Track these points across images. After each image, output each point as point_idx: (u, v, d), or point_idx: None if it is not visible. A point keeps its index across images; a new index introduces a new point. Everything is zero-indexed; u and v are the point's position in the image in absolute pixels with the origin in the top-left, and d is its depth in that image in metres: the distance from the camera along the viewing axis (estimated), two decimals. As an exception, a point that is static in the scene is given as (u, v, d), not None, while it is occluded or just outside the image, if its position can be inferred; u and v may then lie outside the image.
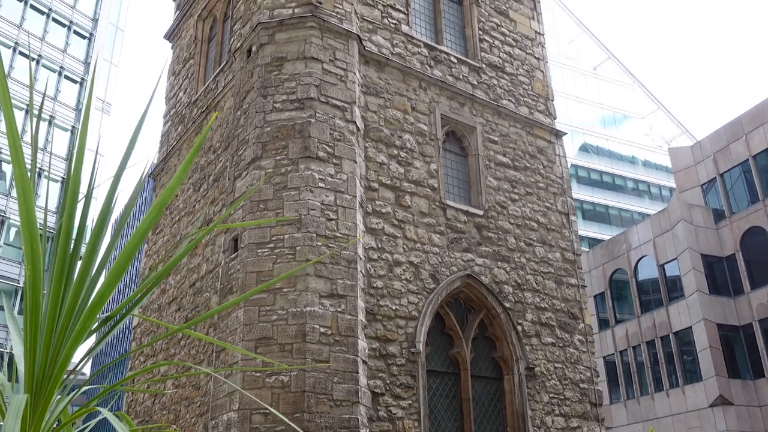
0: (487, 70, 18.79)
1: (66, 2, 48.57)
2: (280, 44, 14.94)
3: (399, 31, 17.28)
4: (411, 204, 15.46)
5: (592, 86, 65.79)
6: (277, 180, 13.54)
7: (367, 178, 14.88)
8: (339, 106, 14.56)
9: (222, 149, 16.51)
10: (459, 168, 17.36)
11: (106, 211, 2.92)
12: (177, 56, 22.52)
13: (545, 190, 18.49)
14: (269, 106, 14.32)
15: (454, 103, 17.54)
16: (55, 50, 46.68)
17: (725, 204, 33.84)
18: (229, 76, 17.15)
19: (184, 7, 22.55)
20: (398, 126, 16.08)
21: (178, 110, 20.88)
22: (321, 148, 13.90)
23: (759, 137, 32.53)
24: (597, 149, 62.69)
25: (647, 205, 60.90)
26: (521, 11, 20.83)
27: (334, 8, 15.56)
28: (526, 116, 18.99)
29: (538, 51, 20.61)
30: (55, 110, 45.18)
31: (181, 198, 18.61)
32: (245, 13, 16.71)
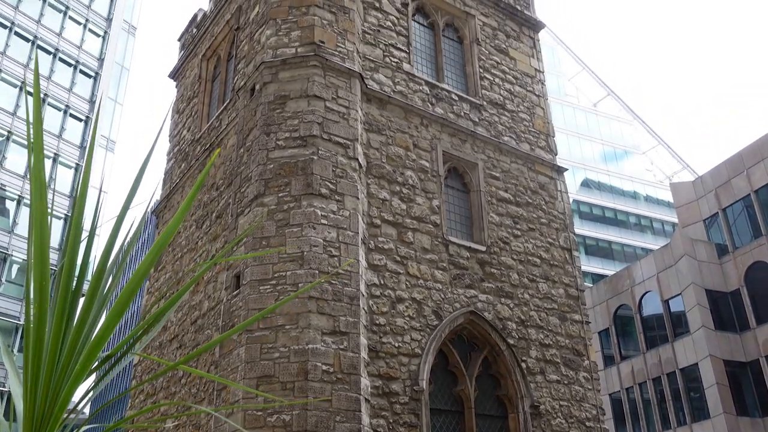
0: (488, 107, 18.96)
1: (73, 42, 49.30)
2: (283, 83, 15.12)
3: (401, 70, 17.49)
4: (413, 240, 15.45)
5: (592, 122, 66.25)
6: (279, 217, 13.57)
7: (369, 215, 14.90)
8: (341, 144, 14.67)
9: (225, 186, 16.59)
10: (461, 204, 17.39)
11: (108, 249, 2.93)
12: (181, 95, 22.77)
13: (547, 225, 18.49)
14: (272, 144, 14.43)
15: (456, 139, 17.66)
16: (61, 89, 47.23)
17: (728, 239, 33.77)
18: (233, 114, 17.32)
19: (188, 47, 22.88)
20: (400, 163, 16.17)
21: (181, 148, 21.04)
22: (323, 185, 13.96)
23: (760, 172, 32.62)
24: (599, 185, 62.83)
25: (650, 241, 60.78)
26: (521, 49, 21.09)
27: (337, 47, 15.78)
28: (528, 152, 19.09)
29: (538, 88, 20.81)
30: (60, 148, 45.52)
31: (183, 235, 18.63)
32: (249, 52, 16.94)
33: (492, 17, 20.74)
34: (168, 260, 19.26)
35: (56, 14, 49.10)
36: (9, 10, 45.87)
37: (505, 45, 20.67)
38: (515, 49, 20.91)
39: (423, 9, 19.49)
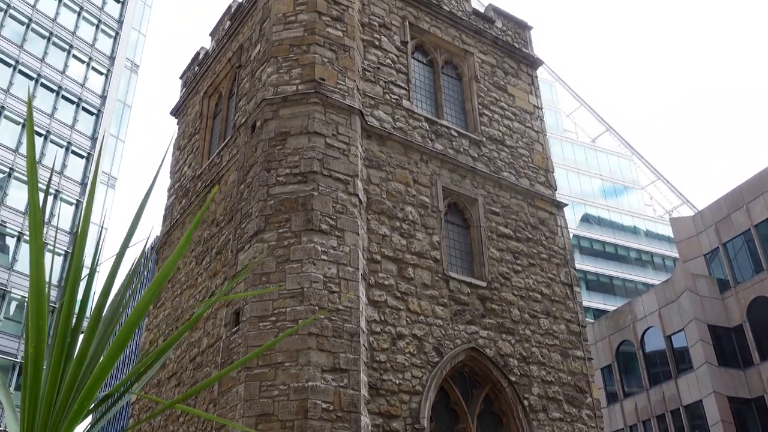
0: (488, 143, 19.09)
1: (76, 80, 49.85)
2: (283, 119, 15.24)
3: (400, 106, 17.65)
4: (414, 276, 15.41)
5: (591, 158, 66.60)
6: (279, 253, 13.56)
7: (369, 251, 14.89)
8: (341, 179, 14.72)
9: (225, 222, 16.60)
10: (461, 239, 17.39)
11: (108, 286, 2.92)
12: (183, 131, 22.95)
13: (548, 261, 18.45)
14: (272, 180, 14.49)
15: (456, 175, 17.73)
16: (63, 126, 47.60)
17: (729, 274, 33.66)
18: (233, 150, 17.42)
19: (190, 84, 23.13)
20: (400, 198, 16.21)
21: (182, 184, 21.12)
22: (324, 221, 13.97)
23: (760, 207, 32.67)
24: (599, 220, 62.89)
25: (651, 276, 60.59)
26: (519, 86, 21.32)
27: (337, 85, 15.95)
28: (527, 188, 19.16)
29: (536, 124, 20.98)
30: (61, 185, 45.69)
31: (183, 271, 18.59)
32: (250, 89, 17.12)
33: (490, 55, 21.00)
34: (167, 297, 19.18)
35: (60, 53, 49.75)
36: (13, 48, 46.48)
37: (504, 82, 20.89)
38: (513, 85, 21.14)
39: (422, 47, 19.76)
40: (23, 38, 47.52)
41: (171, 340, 2.77)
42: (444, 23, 20.22)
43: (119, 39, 54.48)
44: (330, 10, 16.86)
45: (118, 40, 54.38)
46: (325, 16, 16.69)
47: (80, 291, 2.96)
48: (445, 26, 20.20)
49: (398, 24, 19.03)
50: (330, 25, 16.66)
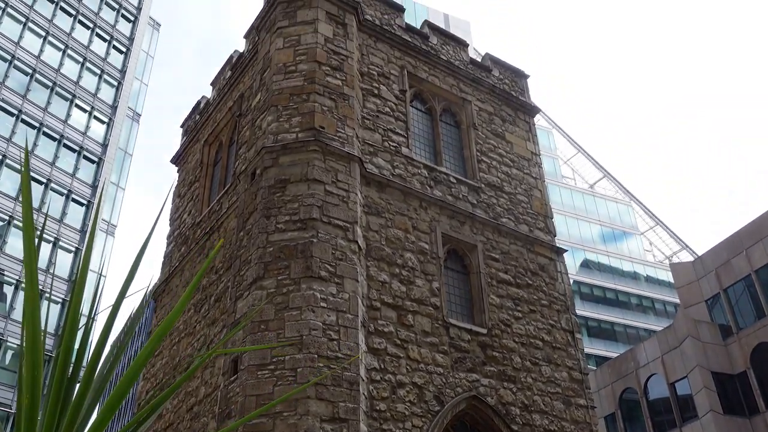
0: (486, 189, 19.18)
1: (77, 129, 50.34)
2: (283, 167, 15.33)
3: (399, 154, 17.78)
4: (414, 323, 15.29)
5: (589, 203, 66.86)
6: (278, 300, 13.47)
7: (369, 297, 14.80)
8: (341, 226, 14.74)
9: (224, 270, 16.55)
10: (461, 286, 17.31)
11: (105, 336, 2.89)
12: (183, 179, 23.07)
13: (549, 307, 18.34)
14: (272, 227, 14.50)
15: (455, 221, 17.76)
16: (64, 174, 47.87)
17: (731, 320, 33.42)
18: (233, 198, 17.49)
19: (191, 132, 23.36)
20: (400, 245, 16.20)
21: (182, 231, 21.13)
22: (323, 268, 13.93)
23: (759, 252, 32.63)
24: (598, 265, 62.76)
25: (653, 322, 60.15)
26: (517, 133, 21.53)
27: (337, 132, 16.10)
28: (526, 234, 19.17)
29: (535, 170, 21.12)
30: (60, 232, 45.69)
31: (181, 319, 18.45)
32: (250, 137, 17.27)
33: (488, 103, 21.27)
34: (165, 345, 18.99)
35: (63, 102, 50.37)
36: (17, 98, 47.07)
37: (502, 129, 21.11)
38: (511, 133, 21.35)
39: (421, 95, 20.02)
40: (27, 88, 48.17)
41: (168, 391, 2.73)
42: (442, 72, 20.53)
43: (121, 88, 55.23)
44: (330, 60, 17.14)
45: (121, 90, 55.13)
46: (325, 66, 16.96)
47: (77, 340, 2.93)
48: (443, 75, 20.51)
49: (397, 73, 19.33)
50: (329, 74, 16.91)
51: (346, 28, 18.07)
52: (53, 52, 51.27)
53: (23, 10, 50.23)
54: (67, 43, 52.33)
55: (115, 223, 52.19)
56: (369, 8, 19.74)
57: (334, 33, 17.72)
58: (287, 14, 17.83)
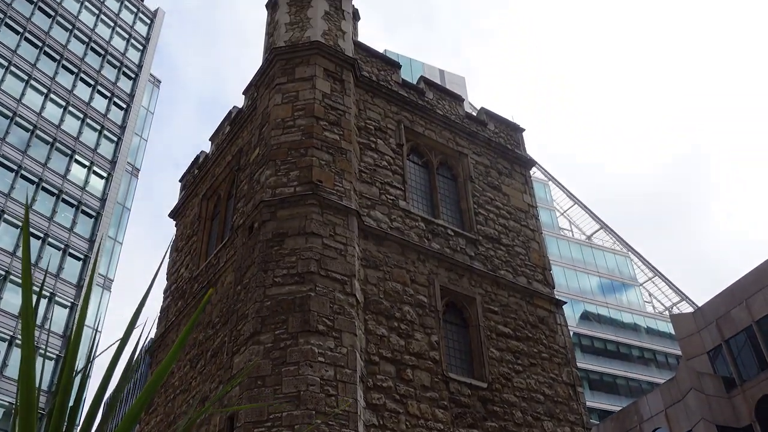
0: (484, 241, 19.19)
1: (76, 184, 50.60)
2: (281, 221, 15.36)
3: (397, 207, 17.86)
4: (413, 377, 15.08)
5: (588, 255, 66.84)
6: (275, 355, 13.31)
7: (367, 352, 14.63)
8: (339, 280, 14.67)
9: (221, 324, 16.41)
10: (460, 339, 17.14)
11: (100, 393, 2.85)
12: (181, 233, 23.08)
13: (549, 360, 18.13)
14: (269, 281, 14.43)
15: (453, 274, 17.70)
16: (61, 229, 47.90)
17: (734, 371, 33.00)
18: (231, 252, 17.46)
19: (189, 187, 23.48)
20: (398, 298, 16.10)
21: (179, 285, 21.02)
22: (321, 322, 13.81)
23: (760, 302, 32.46)
24: (598, 317, 62.35)
25: (655, 374, 59.43)
26: (513, 186, 21.68)
27: (334, 186, 16.19)
28: (525, 286, 19.09)
29: (532, 223, 21.18)
30: (57, 287, 45.45)
31: (176, 375, 18.18)
32: (248, 191, 17.36)
33: (484, 156, 21.48)
34: (160, 402, 18.67)
35: (63, 157, 50.78)
36: (17, 154, 47.45)
37: (498, 182, 21.26)
38: (507, 185, 21.49)
39: (417, 149, 20.23)
40: (27, 144, 48.63)
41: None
42: (438, 126, 20.80)
43: (121, 144, 55.79)
44: (327, 115, 17.38)
45: (120, 145, 55.68)
46: (323, 121, 17.18)
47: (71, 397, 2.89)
48: (439, 129, 20.77)
49: (393, 127, 19.57)
50: (327, 129, 17.12)
51: (343, 84, 18.38)
52: (54, 108, 51.99)
53: (26, 68, 51.12)
54: (69, 99, 53.11)
55: (112, 277, 51.98)
56: (366, 65, 20.12)
57: (332, 89, 18.01)
58: (286, 71, 18.15)
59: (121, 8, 62.61)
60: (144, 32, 63.89)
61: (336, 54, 18.64)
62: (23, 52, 51.67)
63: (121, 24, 61.47)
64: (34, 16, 53.80)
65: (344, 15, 20.10)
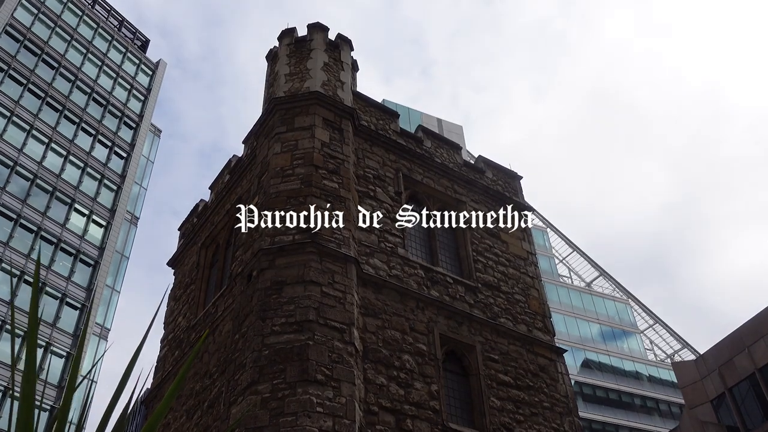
0: (483, 289, 19.12)
1: (75, 233, 50.62)
2: (280, 269, 15.33)
3: (396, 254, 17.85)
4: (413, 428, 14.83)
5: (588, 302, 66.49)
6: (273, 405, 13.12)
7: (366, 401, 14.43)
8: (337, 328, 14.57)
9: (218, 374, 16.22)
10: (460, 388, 16.93)
11: (95, 445, 2.81)
12: (179, 282, 22.99)
13: (551, 410, 17.87)
14: (268, 329, 14.32)
15: (452, 322, 17.59)
16: (59, 278, 47.72)
17: (739, 421, 32.50)
18: (229, 300, 17.38)
19: (188, 235, 23.50)
20: (397, 346, 15.96)
21: (176, 335, 20.85)
22: (319, 371, 13.65)
23: (762, 350, 32.18)
24: (599, 365, 61.67)
25: (658, 423, 58.48)
26: (512, 233, 21.71)
27: (333, 234, 16.22)
28: (525, 334, 18.95)
29: (531, 270, 21.15)
30: (53, 337, 45.04)
31: (173, 426, 17.88)
32: (247, 240, 17.37)
33: (482, 203, 21.58)
34: (155, 454, 18.31)
35: (62, 206, 50.93)
36: (16, 203, 47.59)
37: (496, 229, 21.31)
38: (506, 232, 21.53)
39: (416, 197, 20.34)
40: (27, 193, 48.83)
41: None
42: (436, 174, 20.95)
43: (121, 193, 56.04)
44: (326, 164, 17.52)
45: (120, 194, 55.93)
46: (322, 170, 17.32)
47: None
48: (437, 177, 20.92)
49: (392, 175, 19.71)
50: (326, 177, 17.24)
51: (342, 133, 18.58)
52: (55, 157, 52.39)
53: (28, 119, 51.70)
54: (69, 149, 53.56)
55: (109, 326, 51.57)
56: (364, 114, 20.38)
57: (331, 138, 18.20)
58: (285, 120, 18.38)
59: (124, 60, 63.70)
60: (146, 83, 64.85)
61: (335, 104, 18.90)
62: (26, 102, 52.34)
63: (123, 75, 62.45)
64: (38, 68, 54.67)
65: (343, 66, 20.46)
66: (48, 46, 56.37)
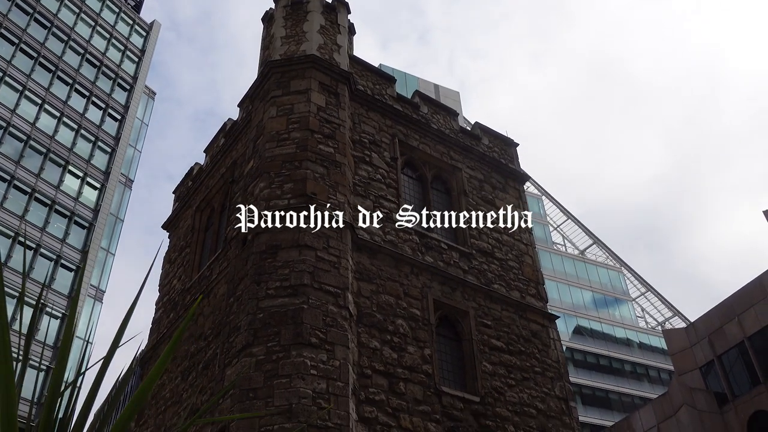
0: (478, 255, 19.21)
1: (69, 195, 50.46)
2: (275, 233, 15.35)
3: (391, 220, 17.87)
4: (405, 391, 15.03)
5: (581, 270, 66.89)
6: (268, 367, 13.25)
7: (360, 365, 14.59)
8: (332, 293, 14.65)
9: (213, 337, 16.34)
10: (453, 353, 17.11)
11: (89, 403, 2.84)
12: (174, 245, 23.02)
13: (542, 374, 18.11)
14: (262, 293, 14.40)
15: (446, 287, 17.70)
16: (54, 239, 47.70)
17: (726, 387, 33.01)
18: (224, 263, 17.42)
19: (183, 198, 23.45)
20: (391, 311, 16.08)
21: (171, 297, 20.94)
22: (313, 334, 13.77)
23: (751, 318, 32.53)
24: (591, 331, 62.31)
25: (647, 389, 59.36)
26: (507, 200, 21.73)
27: (328, 199, 16.20)
28: (518, 300, 19.10)
29: (525, 237, 21.22)
30: (48, 298, 45.18)
31: (168, 387, 18.07)
32: (242, 203, 17.34)
33: (478, 170, 21.55)
34: (151, 414, 18.54)
35: (56, 168, 50.66)
36: (10, 164, 47.31)
37: (492, 196, 21.32)
38: (501, 199, 21.55)
39: (412, 163, 20.28)
40: (20, 154, 48.51)
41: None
42: (432, 140, 20.86)
43: (115, 155, 55.72)
44: (322, 128, 17.42)
45: (114, 156, 55.61)
46: (318, 134, 17.22)
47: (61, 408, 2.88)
48: (433, 143, 20.83)
49: (388, 141, 19.62)
50: (322, 142, 17.15)
51: (338, 97, 18.44)
52: (48, 119, 51.93)
53: (21, 79, 51.10)
54: (63, 110, 53.06)
55: (104, 288, 51.73)
56: (361, 79, 20.20)
57: (327, 102, 18.07)
58: (281, 84, 18.21)
59: (117, 20, 62.74)
60: (139, 44, 64.00)
61: (331, 68, 18.72)
62: (18, 62, 51.67)
63: (116, 36, 61.58)
64: (30, 27, 53.85)
65: (340, 29, 20.21)
66: (41, 5, 55.44)
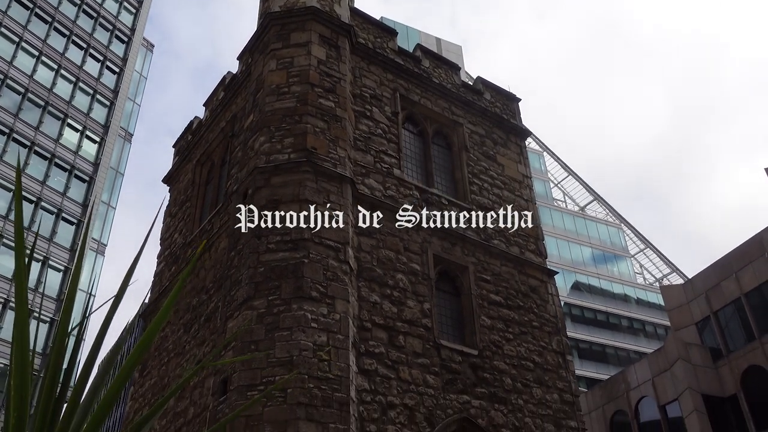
0: (478, 211, 19.24)
1: (69, 148, 50.28)
2: (275, 187, 15.35)
3: (391, 175, 17.85)
4: (405, 344, 15.25)
5: (580, 226, 67.06)
6: (269, 320, 13.42)
7: (360, 318, 14.77)
8: (332, 247, 14.73)
9: (215, 290, 16.49)
10: (452, 307, 17.30)
11: (93, 355, 2.89)
12: (174, 198, 23.04)
13: (540, 329, 18.33)
14: (263, 247, 14.48)
15: (446, 243, 17.79)
16: (54, 193, 47.72)
17: (722, 342, 33.44)
18: (225, 217, 17.48)
19: (183, 152, 23.38)
20: (391, 266, 16.19)
21: (172, 251, 21.06)
22: (314, 288, 13.90)
23: (749, 275, 32.76)
24: (589, 287, 62.82)
25: (644, 344, 60.14)
26: (508, 156, 21.66)
27: (329, 153, 16.15)
28: (517, 255, 19.21)
29: (526, 193, 21.22)
30: (50, 251, 45.44)
31: (170, 339, 18.33)
32: (242, 158, 17.31)
33: (479, 125, 21.42)
34: (154, 365, 18.84)
35: (55, 121, 50.35)
36: (8, 117, 47.01)
37: (493, 151, 21.24)
38: (502, 155, 21.48)
39: (413, 117, 20.15)
40: (19, 107, 48.16)
41: (155, 407, 2.74)
42: (434, 95, 20.68)
43: (114, 108, 55.31)
44: (322, 82, 17.25)
45: (113, 110, 55.21)
46: (318, 88, 17.06)
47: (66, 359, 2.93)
48: (435, 98, 20.66)
49: (389, 95, 19.45)
50: (322, 96, 17.01)
51: (339, 50, 18.21)
52: (46, 72, 51.38)
53: (17, 30, 50.39)
54: (61, 63, 52.47)
55: (106, 242, 51.99)
56: (362, 31, 19.92)
57: (327, 55, 17.85)
58: (281, 36, 17.96)
59: (114, -30, 61.55)
60: (137, -6, 62.90)
61: (332, 20, 18.44)
62: (14, 13, 50.87)
63: (113, -14, 60.47)
64: (25, -23, 52.87)
65: (340, -20, 19.82)
66: (35, -46, 54.31)
